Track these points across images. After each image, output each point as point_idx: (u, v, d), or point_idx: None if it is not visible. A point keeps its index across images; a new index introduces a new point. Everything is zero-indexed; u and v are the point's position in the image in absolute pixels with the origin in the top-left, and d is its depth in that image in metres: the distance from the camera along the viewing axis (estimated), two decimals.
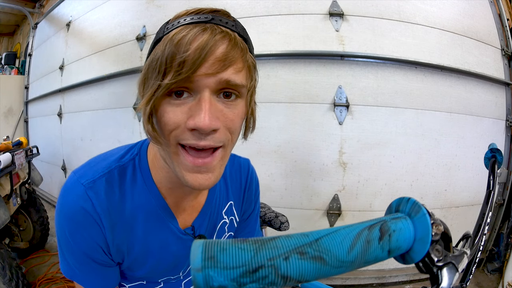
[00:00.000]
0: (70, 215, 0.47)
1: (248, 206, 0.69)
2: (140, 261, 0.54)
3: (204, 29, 0.39)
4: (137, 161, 0.52)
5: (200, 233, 0.59)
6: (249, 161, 0.70)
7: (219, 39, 0.39)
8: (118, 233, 0.50)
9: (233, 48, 0.40)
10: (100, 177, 0.49)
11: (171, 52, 0.39)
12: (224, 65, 0.39)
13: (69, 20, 3.03)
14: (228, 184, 0.64)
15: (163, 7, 2.13)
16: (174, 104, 0.41)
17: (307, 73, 1.78)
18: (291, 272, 0.20)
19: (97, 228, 0.48)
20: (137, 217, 0.51)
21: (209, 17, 0.41)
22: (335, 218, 1.81)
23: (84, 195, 0.47)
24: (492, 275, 1.97)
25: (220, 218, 0.63)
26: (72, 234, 0.48)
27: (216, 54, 0.39)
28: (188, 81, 0.39)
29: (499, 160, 0.71)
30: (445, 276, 0.26)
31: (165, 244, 0.55)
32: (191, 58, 0.38)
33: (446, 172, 1.86)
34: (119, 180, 0.50)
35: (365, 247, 0.23)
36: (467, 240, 0.46)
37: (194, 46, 0.38)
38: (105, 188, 0.48)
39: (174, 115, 0.41)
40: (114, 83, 2.39)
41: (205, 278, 0.19)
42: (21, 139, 1.95)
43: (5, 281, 1.42)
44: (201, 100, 0.40)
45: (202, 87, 0.40)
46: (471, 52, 1.90)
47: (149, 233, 0.53)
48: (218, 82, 0.40)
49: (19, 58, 4.47)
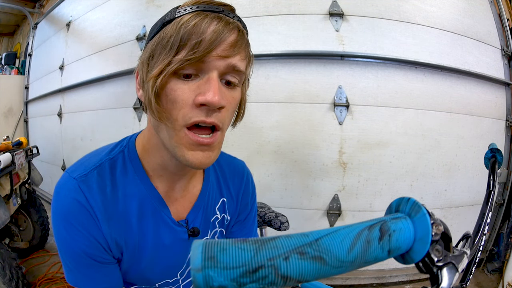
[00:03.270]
0: (65, 210, 0.47)
1: (244, 208, 0.68)
2: (137, 257, 0.54)
3: (219, 18, 0.43)
4: (126, 152, 0.54)
5: (194, 227, 0.58)
6: (244, 163, 0.70)
7: (231, 28, 0.44)
8: (113, 226, 0.50)
9: (241, 39, 0.45)
10: (92, 170, 0.50)
11: (188, 32, 0.41)
12: (234, 51, 0.43)
13: (69, 20, 3.03)
14: (221, 182, 0.65)
15: (163, 7, 2.13)
16: (182, 82, 0.43)
17: (307, 73, 1.78)
18: (291, 272, 0.20)
19: (92, 221, 0.48)
20: (130, 208, 0.52)
21: (220, 8, 0.45)
22: (335, 218, 1.81)
23: (77, 189, 0.48)
24: (492, 275, 1.97)
25: (213, 213, 0.63)
26: (68, 231, 0.47)
27: (229, 41, 0.43)
28: (201, 61, 0.42)
29: (499, 160, 0.71)
30: (445, 276, 0.26)
31: (158, 236, 0.54)
32: (208, 39, 0.41)
33: (446, 172, 1.86)
34: (110, 172, 0.51)
35: (365, 247, 0.23)
36: (467, 240, 0.46)
37: (212, 29, 0.42)
38: (97, 181, 0.49)
39: (183, 92, 0.43)
40: (114, 83, 2.39)
41: (205, 278, 0.19)
42: (21, 139, 1.95)
43: (5, 281, 1.42)
44: (210, 79, 0.43)
45: (212, 68, 0.43)
46: (471, 52, 1.90)
47: (142, 224, 0.53)
48: (227, 66, 0.44)
49: (19, 58, 4.47)
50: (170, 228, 0.55)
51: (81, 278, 0.51)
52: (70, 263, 0.50)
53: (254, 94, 1.78)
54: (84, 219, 0.48)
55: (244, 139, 1.81)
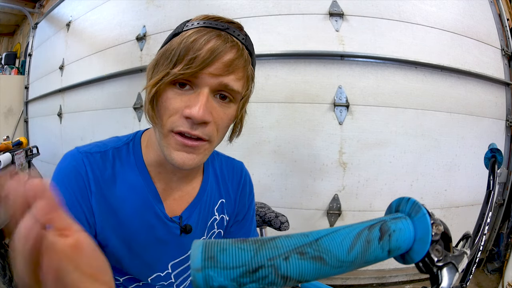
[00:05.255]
0: (63, 173, 0.51)
1: (241, 208, 0.69)
2: (129, 243, 0.55)
3: (219, 35, 0.45)
4: (131, 145, 0.57)
5: (188, 224, 0.59)
6: (242, 164, 0.71)
7: (229, 47, 0.45)
8: (104, 207, 0.52)
9: (238, 58, 0.46)
10: (96, 152, 0.53)
11: (186, 47, 0.44)
12: (227, 71, 0.45)
13: (69, 20, 3.03)
14: (220, 183, 0.66)
15: (163, 7, 2.13)
16: (177, 93, 0.46)
17: (307, 73, 1.77)
18: (291, 272, 0.20)
19: (85, 190, 0.51)
20: (126, 196, 0.53)
21: (225, 25, 0.47)
22: (335, 218, 1.81)
23: (79, 160, 0.51)
24: (492, 275, 1.97)
25: (212, 214, 0.64)
26: (60, 194, 0.48)
27: (223, 59, 0.44)
28: (194, 76, 0.44)
29: (499, 160, 0.71)
30: (445, 276, 0.26)
31: (151, 229, 0.56)
32: (201, 56, 0.43)
33: (446, 172, 1.86)
34: (112, 159, 0.54)
35: (365, 247, 0.23)
36: (467, 240, 0.46)
37: (207, 47, 0.44)
38: (98, 162, 0.52)
39: (175, 102, 0.46)
40: (114, 83, 2.38)
41: (205, 278, 0.19)
42: (21, 139, 1.95)
43: (5, 281, 1.42)
44: (200, 95, 0.45)
45: (204, 84, 0.45)
46: (471, 52, 1.90)
47: (136, 214, 0.54)
48: (218, 84, 0.45)
49: (19, 58, 4.47)
50: (163, 223, 0.57)
51: None
52: None
53: (254, 94, 1.76)
54: (78, 186, 0.50)
55: (244, 139, 1.80)
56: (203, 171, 0.64)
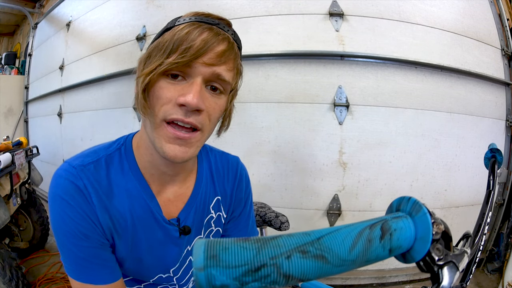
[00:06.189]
0: (63, 191, 0.49)
1: (238, 204, 0.68)
2: (132, 248, 0.55)
3: (211, 29, 0.47)
4: (123, 149, 0.56)
5: (186, 225, 0.59)
6: (238, 159, 0.70)
7: (221, 39, 0.47)
8: (108, 217, 0.52)
9: (230, 50, 0.48)
10: (89, 163, 0.52)
11: (180, 38, 0.45)
12: (220, 61, 0.47)
13: (69, 20, 3.03)
14: (215, 180, 0.65)
15: (163, 7, 2.13)
16: (170, 83, 0.47)
17: (307, 73, 1.78)
18: (293, 271, 0.20)
19: (88, 205, 0.50)
20: (124, 203, 0.54)
21: (215, 21, 0.49)
22: (335, 218, 1.81)
23: (76, 175, 0.50)
24: (492, 275, 1.97)
25: (207, 212, 0.63)
26: (65, 210, 0.49)
27: (216, 50, 0.46)
28: (187, 66, 0.46)
29: (499, 160, 0.71)
30: (446, 275, 0.26)
31: (152, 232, 0.56)
32: (196, 46, 0.45)
33: (446, 172, 1.86)
34: (106, 168, 0.53)
35: (366, 246, 0.23)
36: (467, 239, 0.46)
37: (201, 38, 0.46)
38: (93, 173, 0.52)
39: (168, 91, 0.47)
40: (114, 83, 2.39)
41: (208, 277, 0.19)
42: (21, 139, 1.95)
43: (5, 281, 1.42)
44: (194, 84, 0.46)
45: (197, 73, 0.46)
46: (471, 52, 1.90)
47: (136, 220, 0.55)
48: (211, 74, 0.47)
49: (19, 58, 4.47)
50: (162, 226, 0.57)
51: (80, 269, 0.50)
52: (68, 250, 0.50)
53: (254, 94, 1.78)
54: (81, 201, 0.50)
55: (244, 139, 1.81)
56: (197, 169, 0.63)
